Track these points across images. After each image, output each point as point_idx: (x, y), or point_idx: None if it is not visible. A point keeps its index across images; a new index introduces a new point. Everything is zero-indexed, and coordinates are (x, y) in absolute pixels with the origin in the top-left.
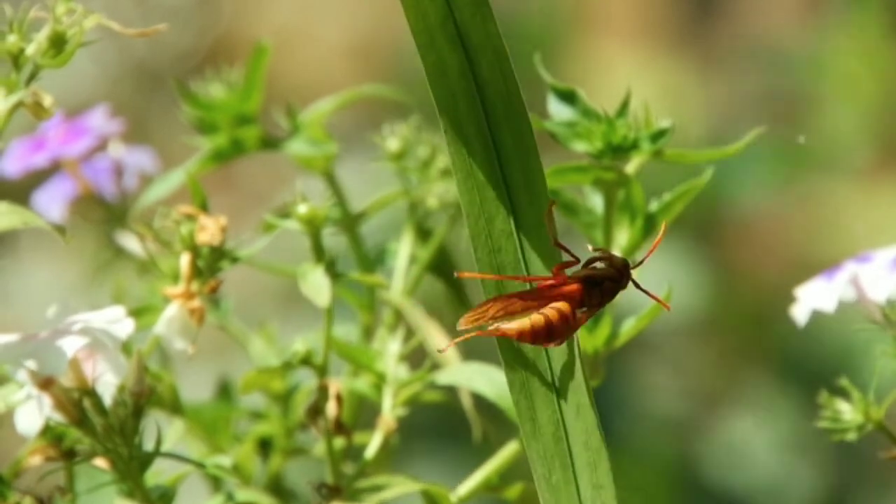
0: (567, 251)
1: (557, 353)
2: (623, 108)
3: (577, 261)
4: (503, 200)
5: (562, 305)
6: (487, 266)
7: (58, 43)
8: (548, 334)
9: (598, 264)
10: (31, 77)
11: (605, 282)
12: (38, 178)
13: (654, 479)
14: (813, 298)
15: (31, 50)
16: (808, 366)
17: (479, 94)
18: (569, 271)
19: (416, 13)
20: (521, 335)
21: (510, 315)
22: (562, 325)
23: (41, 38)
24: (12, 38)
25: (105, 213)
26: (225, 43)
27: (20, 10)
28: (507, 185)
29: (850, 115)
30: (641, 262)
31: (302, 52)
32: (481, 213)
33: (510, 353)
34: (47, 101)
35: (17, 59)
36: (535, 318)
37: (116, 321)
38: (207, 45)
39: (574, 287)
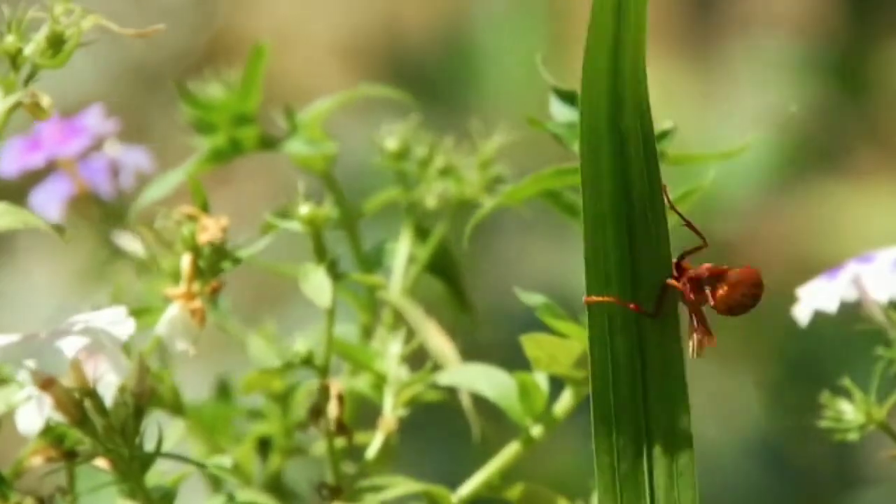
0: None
1: (650, 333)
2: None
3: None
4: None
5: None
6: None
7: (56, 43)
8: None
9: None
10: (30, 77)
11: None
12: (33, 178)
13: None
14: (815, 298)
15: (29, 50)
16: (808, 365)
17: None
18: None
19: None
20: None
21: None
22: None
23: (39, 38)
24: (10, 39)
25: (102, 212)
26: (221, 41)
27: (18, 10)
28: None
29: (850, 115)
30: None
31: (297, 50)
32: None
33: (596, 331)
34: (45, 101)
35: (14, 59)
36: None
37: (118, 322)
38: (203, 44)
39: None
